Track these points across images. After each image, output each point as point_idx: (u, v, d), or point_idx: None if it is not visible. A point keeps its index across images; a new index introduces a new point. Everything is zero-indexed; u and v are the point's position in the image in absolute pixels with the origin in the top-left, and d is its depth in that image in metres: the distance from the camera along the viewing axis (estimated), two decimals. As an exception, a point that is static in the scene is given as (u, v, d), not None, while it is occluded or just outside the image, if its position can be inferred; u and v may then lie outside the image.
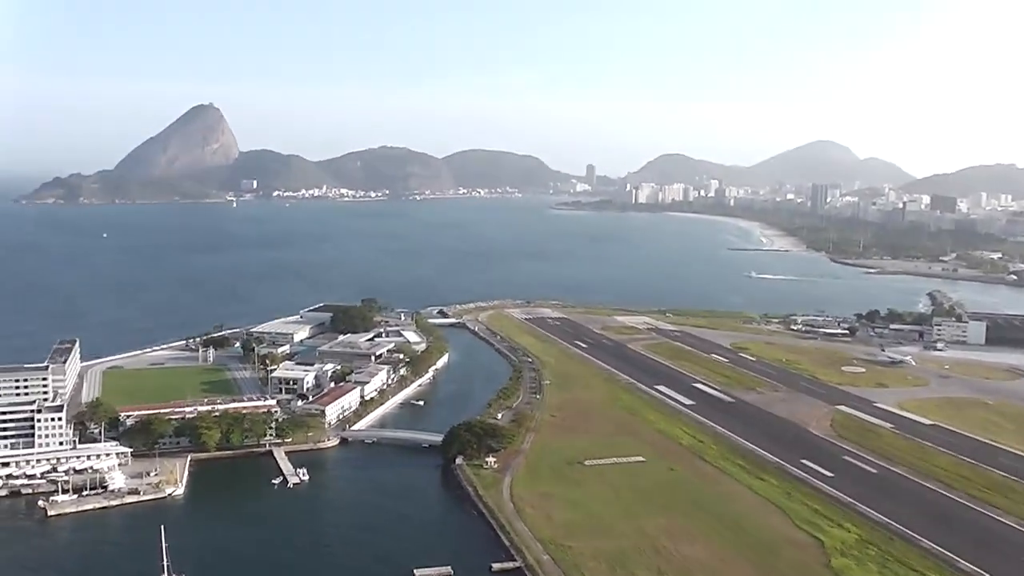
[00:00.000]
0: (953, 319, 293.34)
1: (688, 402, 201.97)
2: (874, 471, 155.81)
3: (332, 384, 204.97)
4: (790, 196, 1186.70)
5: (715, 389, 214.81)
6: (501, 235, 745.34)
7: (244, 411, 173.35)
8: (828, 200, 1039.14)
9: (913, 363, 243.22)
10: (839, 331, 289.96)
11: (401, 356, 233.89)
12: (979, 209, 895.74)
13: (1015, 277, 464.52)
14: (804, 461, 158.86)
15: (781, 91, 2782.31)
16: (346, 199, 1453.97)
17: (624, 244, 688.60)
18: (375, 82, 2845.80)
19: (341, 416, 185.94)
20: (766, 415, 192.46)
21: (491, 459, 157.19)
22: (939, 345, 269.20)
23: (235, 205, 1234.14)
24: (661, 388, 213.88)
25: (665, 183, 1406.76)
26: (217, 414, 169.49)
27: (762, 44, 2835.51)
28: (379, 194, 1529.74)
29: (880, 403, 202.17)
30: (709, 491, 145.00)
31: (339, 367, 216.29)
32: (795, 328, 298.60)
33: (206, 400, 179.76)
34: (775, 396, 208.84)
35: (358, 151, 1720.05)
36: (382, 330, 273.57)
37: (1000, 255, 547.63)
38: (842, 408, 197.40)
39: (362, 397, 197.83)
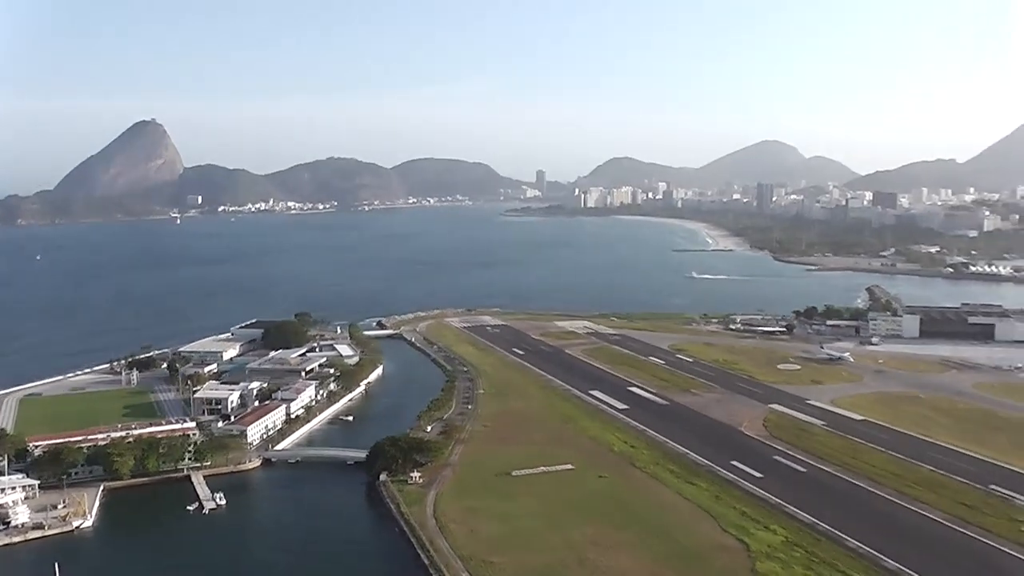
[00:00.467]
0: (888, 313, 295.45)
1: (622, 407, 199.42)
2: (804, 470, 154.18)
3: (257, 403, 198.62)
4: (736, 196, 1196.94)
5: (650, 392, 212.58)
6: (448, 244, 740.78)
7: (160, 435, 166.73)
8: (774, 199, 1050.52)
9: (851, 360, 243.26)
10: (777, 329, 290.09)
11: (332, 371, 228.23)
12: (920, 204, 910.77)
13: (951, 270, 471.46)
14: (735, 463, 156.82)
15: (729, 93, 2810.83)
16: (294, 212, 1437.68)
17: (571, 249, 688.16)
18: (322, 93, 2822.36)
19: (265, 436, 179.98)
20: (700, 417, 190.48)
21: (416, 474, 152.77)
22: (874, 339, 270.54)
23: (179, 221, 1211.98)
24: (596, 393, 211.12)
25: (615, 187, 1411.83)
26: (131, 440, 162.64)
27: (709, 47, 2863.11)
28: (328, 206, 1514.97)
29: (814, 400, 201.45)
30: (638, 498, 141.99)
31: (265, 385, 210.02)
32: (733, 328, 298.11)
33: (120, 426, 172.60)
34: (710, 397, 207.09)
35: (306, 163, 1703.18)
36: (315, 345, 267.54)
37: (938, 249, 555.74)
38: (776, 407, 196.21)
39: (288, 415, 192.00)
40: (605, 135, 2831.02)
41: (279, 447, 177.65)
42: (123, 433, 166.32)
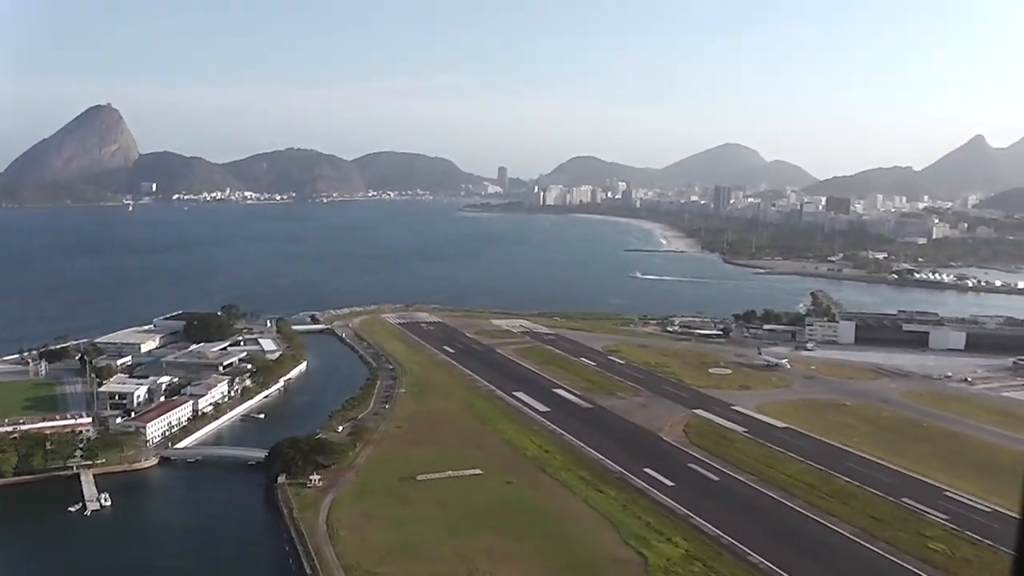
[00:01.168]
0: (825, 319, 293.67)
1: (544, 409, 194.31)
2: (717, 479, 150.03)
3: (164, 398, 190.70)
4: (694, 198, 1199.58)
5: (575, 395, 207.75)
6: (402, 238, 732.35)
7: (50, 431, 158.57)
8: (732, 201, 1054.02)
9: (788, 366, 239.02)
10: (713, 332, 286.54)
11: (249, 366, 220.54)
12: (874, 210, 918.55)
13: (896, 276, 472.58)
14: (647, 470, 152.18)
15: (694, 95, 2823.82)
16: (250, 202, 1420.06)
17: (525, 246, 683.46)
18: (282, 82, 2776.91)
19: (168, 433, 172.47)
20: (621, 421, 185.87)
21: (316, 477, 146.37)
22: (809, 345, 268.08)
23: (131, 209, 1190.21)
24: (520, 395, 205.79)
25: (577, 185, 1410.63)
26: (17, 435, 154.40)
27: (677, 49, 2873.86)
28: (285, 196, 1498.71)
29: (739, 406, 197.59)
30: (543, 506, 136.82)
31: (176, 380, 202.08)
32: (671, 330, 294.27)
33: (8, 420, 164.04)
34: (635, 401, 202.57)
35: (265, 153, 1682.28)
36: (240, 338, 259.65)
37: (886, 255, 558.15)
38: (699, 412, 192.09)
39: (195, 411, 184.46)
40: (569, 134, 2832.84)
41: (180, 445, 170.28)
42: (9, 428, 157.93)
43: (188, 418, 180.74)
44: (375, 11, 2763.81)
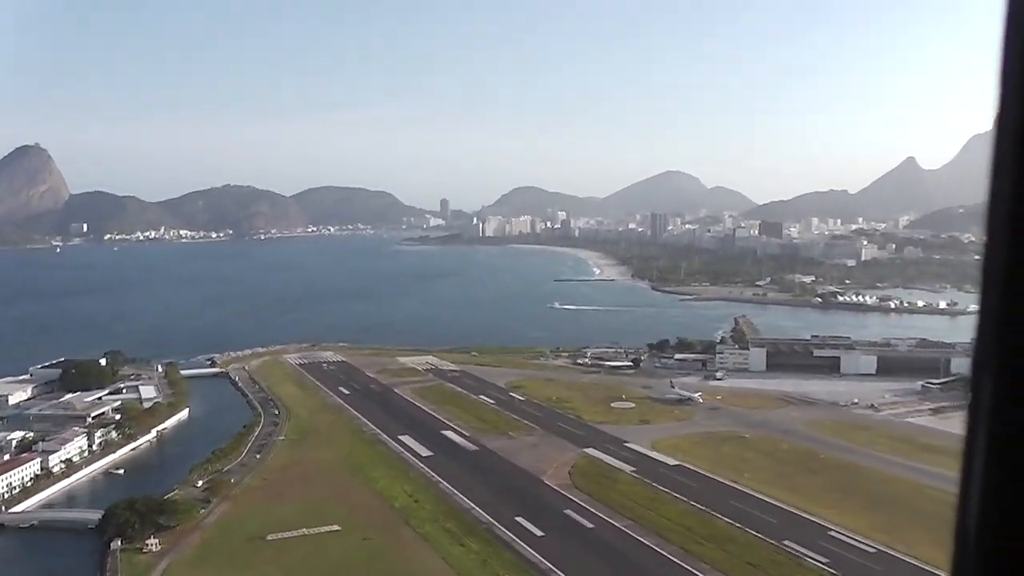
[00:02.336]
0: (737, 346, 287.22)
1: (427, 453, 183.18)
2: (591, 526, 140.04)
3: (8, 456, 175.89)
4: (632, 225, 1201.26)
5: (464, 436, 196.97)
6: (330, 275, 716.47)
7: None
8: (669, 228, 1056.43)
9: (701, 400, 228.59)
10: (624, 364, 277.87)
11: (118, 417, 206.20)
12: (808, 234, 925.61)
13: (820, 300, 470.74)
14: (519, 519, 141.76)
15: (635, 123, 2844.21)
16: (185, 241, 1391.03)
17: (457, 279, 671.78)
18: (218, 119, 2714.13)
19: (5, 495, 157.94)
20: (504, 464, 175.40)
21: (154, 541, 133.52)
22: (719, 374, 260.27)
23: (59, 250, 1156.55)
24: (405, 438, 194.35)
25: (520, 216, 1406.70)
26: None
27: (615, 78, 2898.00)
28: (222, 234, 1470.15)
29: (633, 443, 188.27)
30: (396, 566, 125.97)
31: (29, 435, 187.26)
32: (581, 362, 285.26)
33: None
34: (526, 441, 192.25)
35: (201, 190, 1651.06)
36: (123, 386, 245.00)
37: (814, 278, 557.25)
38: (590, 451, 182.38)
39: (44, 469, 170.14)
40: (513, 165, 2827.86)
41: (18, 508, 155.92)
42: None
43: (32, 477, 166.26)
44: (312, 45, 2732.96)
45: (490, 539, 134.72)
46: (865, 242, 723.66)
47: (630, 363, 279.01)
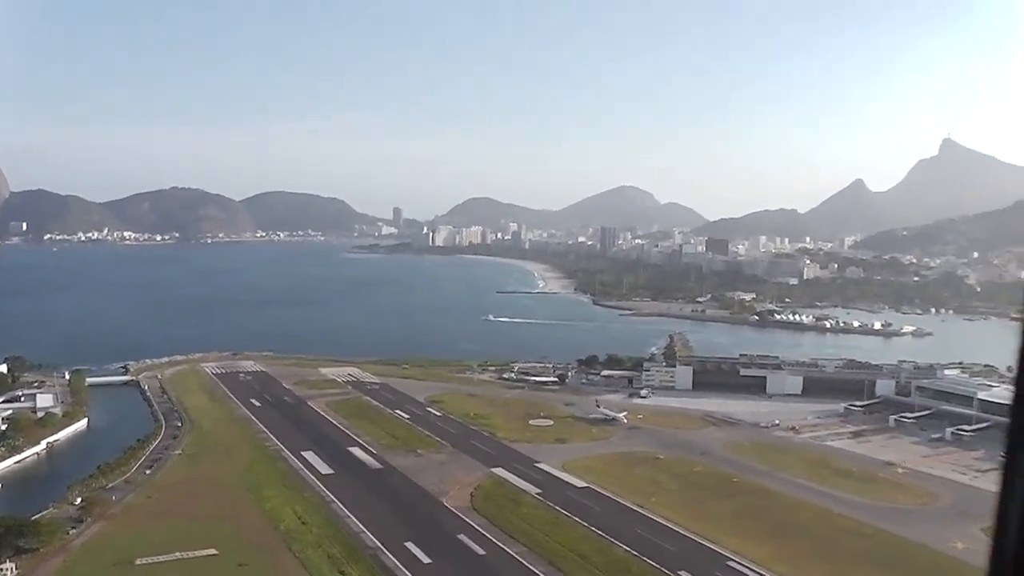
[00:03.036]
0: (664, 364, 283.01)
1: (328, 471, 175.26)
2: (483, 553, 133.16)
3: None
4: (582, 239, 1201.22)
5: (371, 453, 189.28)
6: (272, 281, 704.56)
7: None
8: (619, 242, 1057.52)
9: (626, 421, 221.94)
10: (549, 380, 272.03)
11: (4, 428, 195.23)
12: (755, 251, 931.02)
13: (757, 318, 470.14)
14: (408, 544, 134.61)
15: (592, 136, 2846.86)
16: (129, 243, 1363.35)
17: (401, 288, 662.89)
18: (167, 120, 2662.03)
19: None
20: (407, 485, 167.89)
21: (9, 565, 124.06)
22: (643, 392, 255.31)
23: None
24: (308, 455, 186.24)
25: (472, 226, 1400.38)
26: None
27: (571, 91, 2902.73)
28: (168, 237, 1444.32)
29: (544, 463, 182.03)
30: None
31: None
32: (506, 377, 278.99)
33: None
34: (434, 460, 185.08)
35: (148, 192, 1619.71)
36: (20, 394, 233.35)
37: (755, 295, 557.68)
38: (497, 472, 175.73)
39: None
40: (468, 175, 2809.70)
41: None
42: None
43: None
44: (264, 48, 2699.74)
45: (373, 567, 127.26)
46: (808, 261, 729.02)
47: (556, 379, 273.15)
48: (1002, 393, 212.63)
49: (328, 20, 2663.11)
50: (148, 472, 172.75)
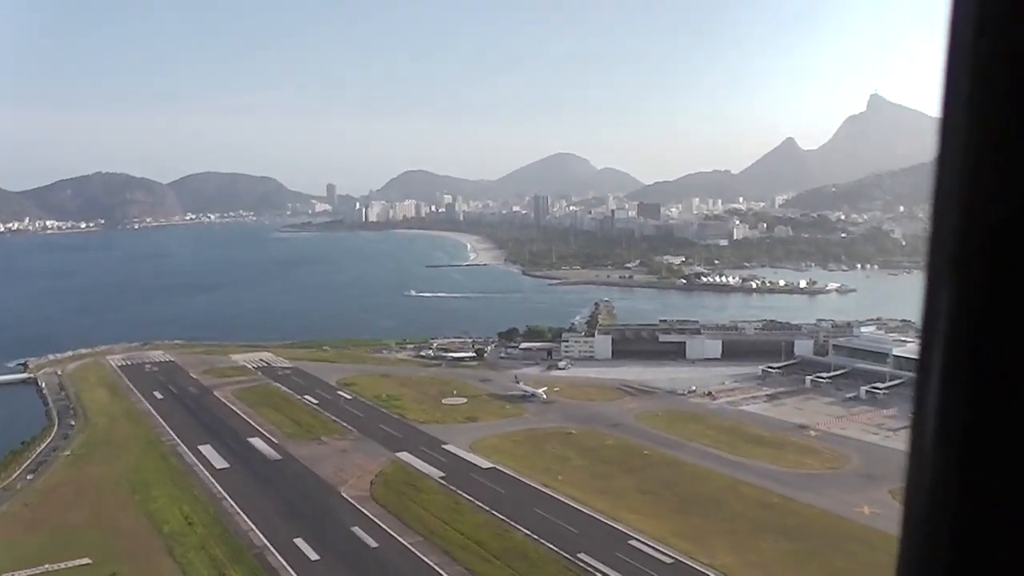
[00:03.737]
0: (583, 333, 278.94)
1: (223, 465, 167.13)
2: (376, 545, 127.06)
3: None
4: (517, 208, 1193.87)
5: (271, 444, 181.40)
6: (194, 265, 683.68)
7: None
8: (555, 210, 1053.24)
9: (545, 397, 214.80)
10: (467, 355, 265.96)
11: None
12: (688, 214, 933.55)
13: (684, 281, 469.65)
14: (297, 541, 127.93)
15: (524, 105, 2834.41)
16: (51, 231, 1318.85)
17: (329, 267, 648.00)
18: (88, 104, 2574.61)
19: None
20: (304, 475, 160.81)
21: None
22: (561, 363, 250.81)
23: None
24: (204, 449, 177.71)
25: (408, 200, 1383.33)
26: None
27: (502, 60, 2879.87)
28: (92, 224, 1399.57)
29: (451, 444, 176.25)
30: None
31: None
32: (423, 355, 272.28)
33: None
34: (336, 447, 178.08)
35: (71, 178, 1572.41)
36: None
37: (684, 259, 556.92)
38: (402, 456, 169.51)
39: None
40: (402, 148, 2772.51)
41: None
42: None
43: None
44: (187, 26, 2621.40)
45: (257, 567, 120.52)
46: (737, 222, 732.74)
47: (474, 354, 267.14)
48: (916, 348, 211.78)
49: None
50: (30, 477, 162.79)
